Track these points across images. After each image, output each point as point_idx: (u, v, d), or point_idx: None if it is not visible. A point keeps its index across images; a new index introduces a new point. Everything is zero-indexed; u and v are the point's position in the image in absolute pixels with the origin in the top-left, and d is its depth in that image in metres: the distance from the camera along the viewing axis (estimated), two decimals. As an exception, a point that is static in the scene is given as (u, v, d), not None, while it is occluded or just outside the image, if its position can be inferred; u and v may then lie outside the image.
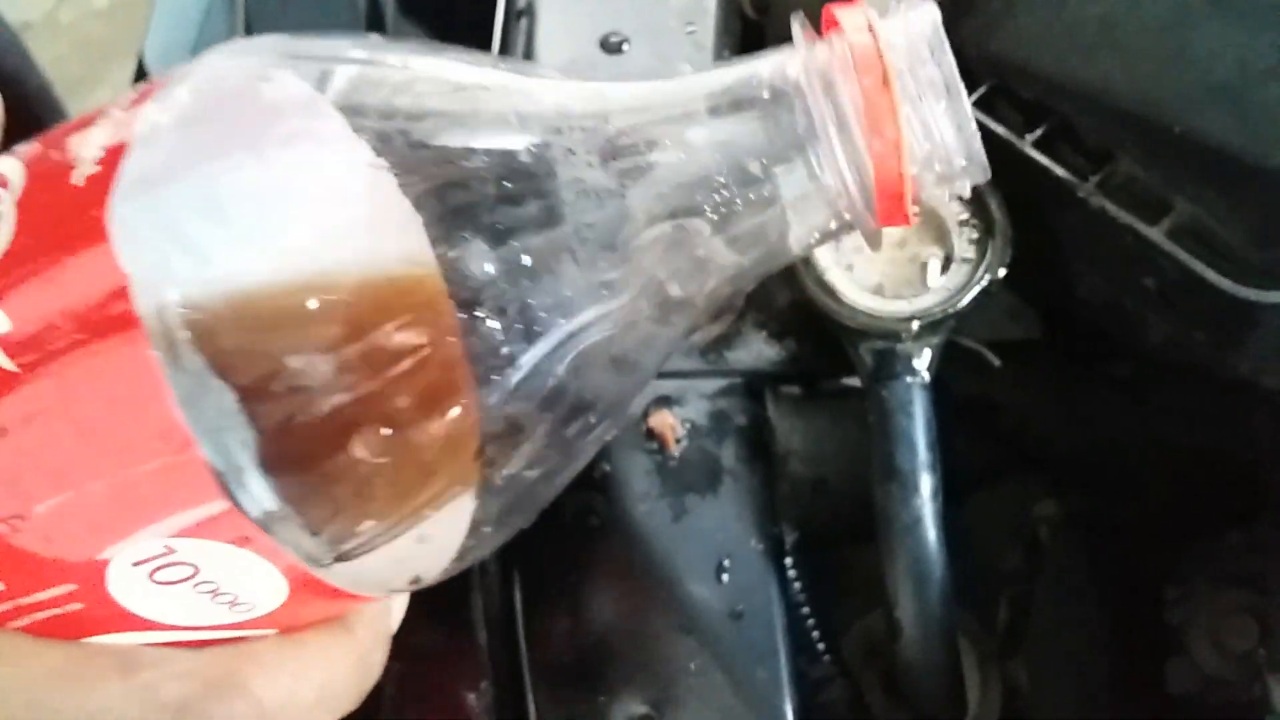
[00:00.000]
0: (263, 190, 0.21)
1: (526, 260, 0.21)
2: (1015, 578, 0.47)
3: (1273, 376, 0.35)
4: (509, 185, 0.21)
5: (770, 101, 0.22)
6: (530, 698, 0.37)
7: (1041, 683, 0.46)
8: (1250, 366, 0.34)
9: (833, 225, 0.23)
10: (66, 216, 0.20)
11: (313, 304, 0.20)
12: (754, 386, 0.41)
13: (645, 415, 0.39)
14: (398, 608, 0.26)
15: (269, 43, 0.23)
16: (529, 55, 0.44)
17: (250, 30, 0.50)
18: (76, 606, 0.21)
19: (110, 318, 0.19)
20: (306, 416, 0.20)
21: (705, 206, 0.22)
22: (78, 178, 0.20)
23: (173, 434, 0.19)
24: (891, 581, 0.36)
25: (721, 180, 0.22)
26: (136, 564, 0.21)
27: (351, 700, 0.24)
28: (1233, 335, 0.33)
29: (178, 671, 0.22)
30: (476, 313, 0.21)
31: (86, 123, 0.22)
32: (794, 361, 0.41)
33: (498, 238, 0.21)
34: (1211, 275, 0.32)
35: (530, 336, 0.22)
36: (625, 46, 0.43)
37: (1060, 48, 0.35)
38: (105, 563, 0.21)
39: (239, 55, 0.23)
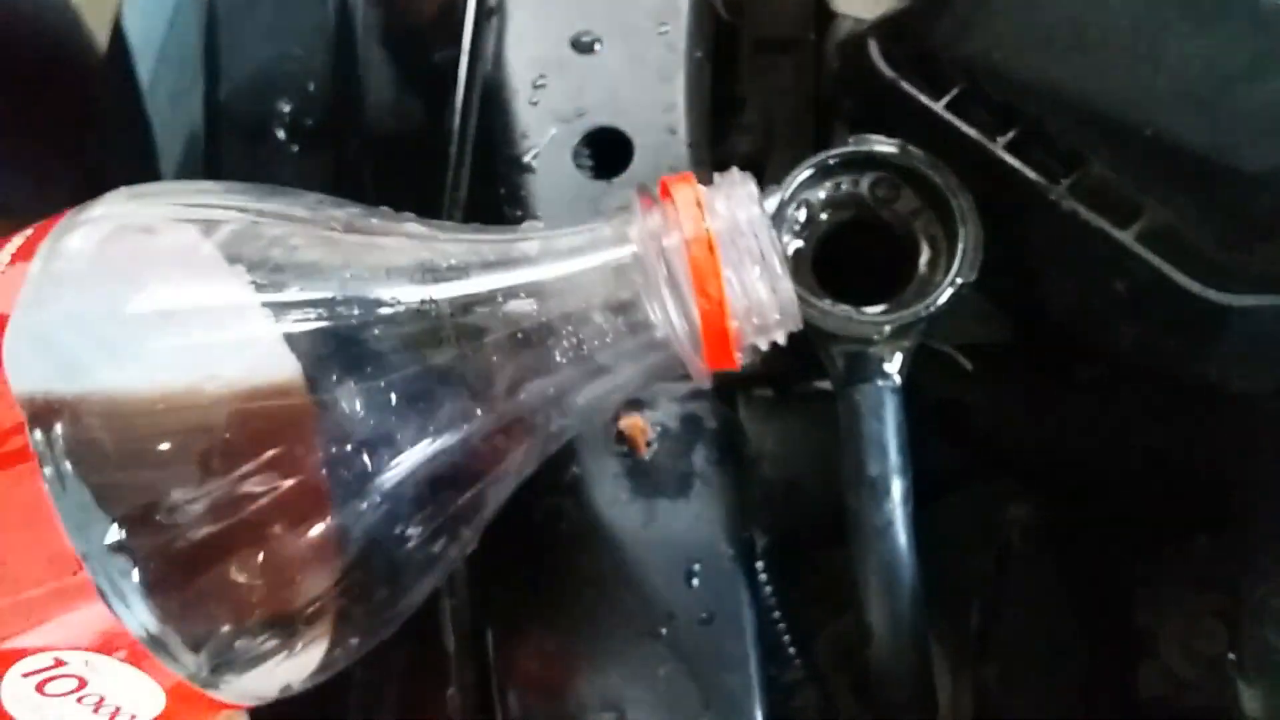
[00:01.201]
0: (147, 316, 0.22)
1: (391, 398, 0.23)
2: (987, 581, 0.47)
3: (1241, 380, 0.35)
4: (376, 330, 0.23)
5: (613, 262, 0.26)
6: (498, 704, 0.37)
7: (1013, 686, 0.46)
8: (1219, 370, 0.34)
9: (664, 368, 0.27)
10: None
11: (188, 428, 0.21)
12: (725, 390, 0.41)
13: (615, 418, 0.39)
14: None
15: (160, 191, 0.25)
16: (499, 55, 0.44)
17: (214, 32, 0.49)
18: None
19: (7, 453, 0.21)
20: (182, 544, 0.21)
21: (555, 350, 0.25)
22: None
23: (63, 559, 0.21)
24: (862, 586, 0.36)
25: (569, 328, 0.25)
26: (26, 675, 0.22)
27: None
28: (1202, 339, 0.33)
29: None
30: (343, 445, 0.23)
31: None
32: (766, 364, 0.41)
33: (363, 378, 0.23)
34: (1182, 279, 0.32)
35: (391, 467, 0.24)
36: (597, 46, 0.43)
37: (1031, 50, 0.35)
38: None
39: (130, 203, 0.24)
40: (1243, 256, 0.32)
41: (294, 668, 0.25)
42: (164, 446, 0.21)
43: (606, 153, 0.42)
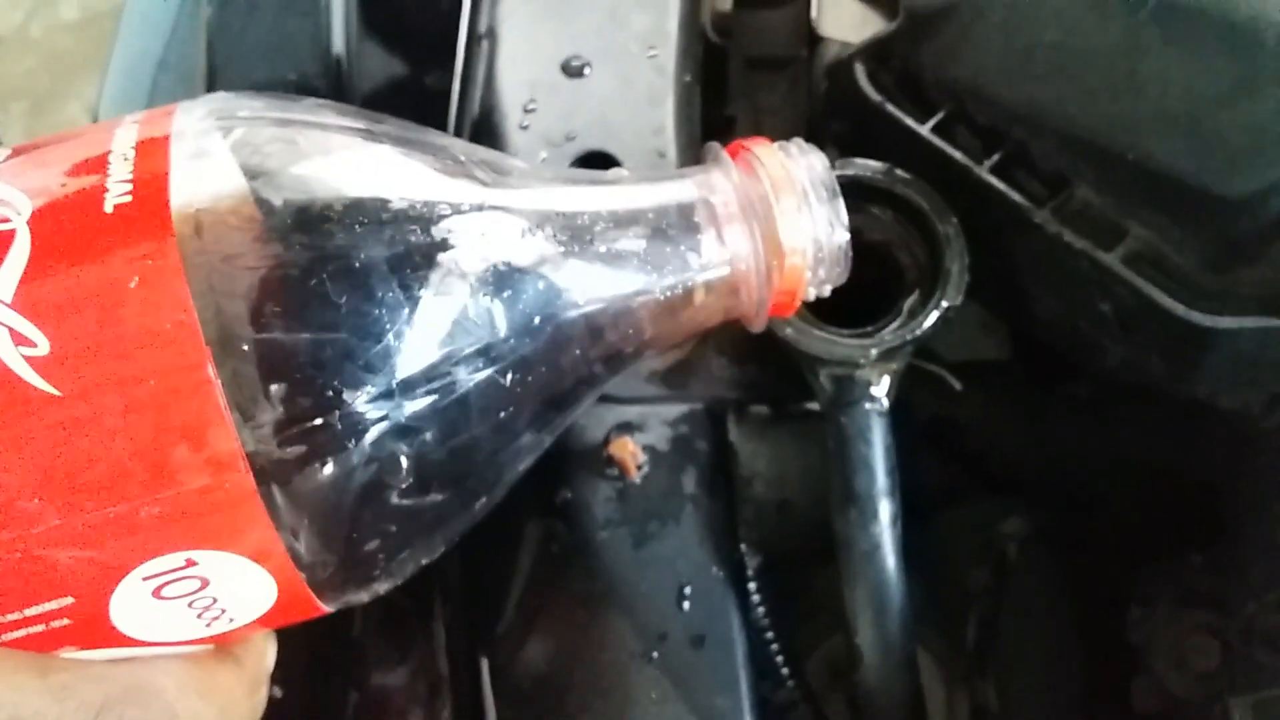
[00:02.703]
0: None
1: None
2: (983, 596, 0.47)
3: (1228, 398, 0.35)
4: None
5: (702, 213, 0.28)
6: (492, 724, 0.37)
7: (1009, 701, 0.46)
8: (1204, 389, 0.35)
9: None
10: (104, 241, 0.21)
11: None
12: (715, 412, 0.41)
13: (606, 442, 0.39)
14: (272, 651, 0.27)
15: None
16: (490, 78, 0.44)
17: (212, 53, 0.50)
18: (62, 623, 0.22)
19: (169, 337, 0.21)
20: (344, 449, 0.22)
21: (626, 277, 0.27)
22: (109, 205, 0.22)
23: (232, 460, 0.21)
24: (851, 608, 0.36)
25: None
26: (148, 578, 0.22)
27: None
28: (1188, 359, 0.34)
29: (95, 675, 0.23)
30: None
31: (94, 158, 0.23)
32: (755, 387, 0.41)
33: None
34: (1166, 300, 0.33)
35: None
36: (587, 70, 0.43)
37: (1015, 75, 0.35)
38: (122, 575, 0.22)
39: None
40: (1225, 278, 0.32)
41: (389, 583, 0.26)
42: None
43: (597, 175, 0.42)
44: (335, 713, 0.39)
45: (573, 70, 0.43)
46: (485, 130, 0.43)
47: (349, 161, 0.24)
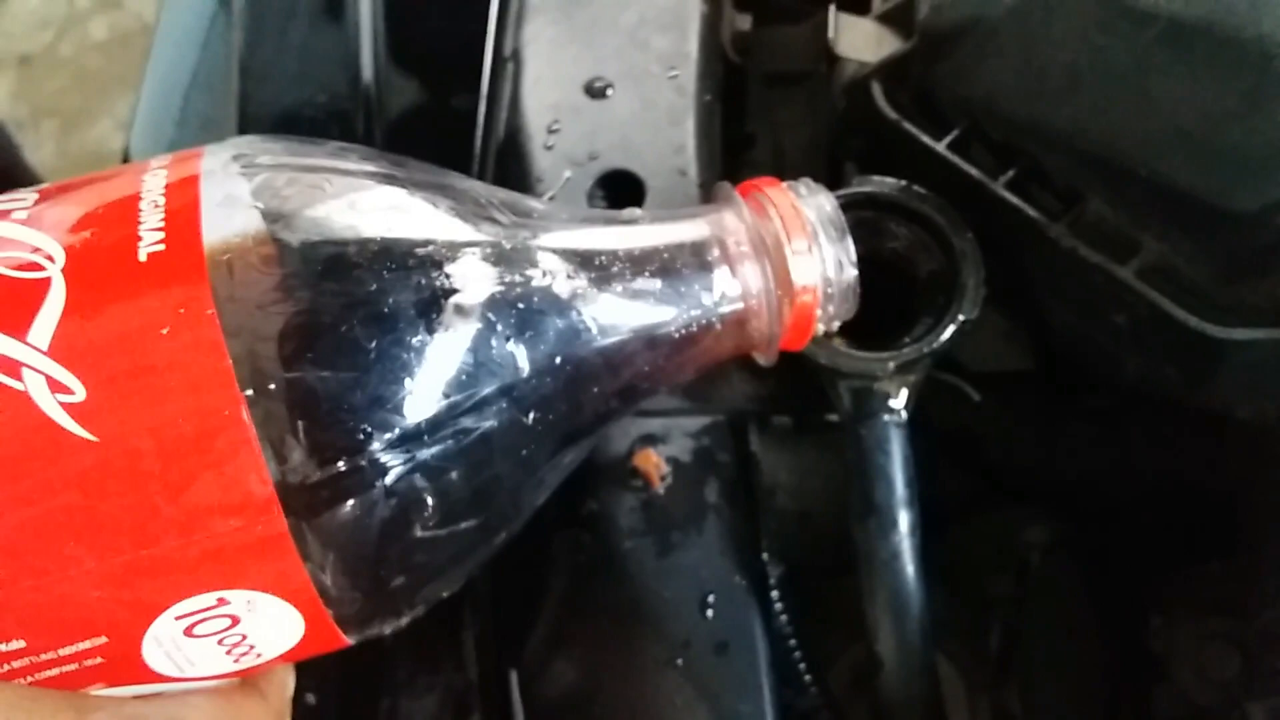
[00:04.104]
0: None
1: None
2: (1006, 604, 0.48)
3: (1244, 409, 0.35)
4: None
5: (716, 252, 0.29)
6: (519, 733, 0.38)
7: (1033, 709, 0.46)
8: (1220, 400, 0.35)
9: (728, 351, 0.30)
10: (139, 289, 0.22)
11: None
12: (737, 424, 0.42)
13: (630, 454, 0.40)
14: (291, 681, 0.28)
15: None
16: (515, 100, 0.45)
17: (245, 79, 0.51)
18: (95, 661, 0.22)
19: (203, 382, 0.21)
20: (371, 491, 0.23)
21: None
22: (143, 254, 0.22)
23: (264, 502, 0.21)
24: (871, 616, 0.36)
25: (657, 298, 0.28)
26: (180, 617, 0.22)
27: None
28: (1202, 371, 0.34)
29: (129, 714, 0.23)
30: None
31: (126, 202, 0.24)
32: (776, 399, 0.42)
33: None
34: (1179, 313, 0.33)
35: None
36: (609, 91, 0.44)
37: (1029, 93, 0.35)
38: (156, 615, 0.22)
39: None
40: (1237, 291, 0.33)
41: (411, 616, 0.27)
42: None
43: (620, 194, 0.43)
44: (366, 718, 0.40)
45: (595, 91, 0.44)
46: (510, 151, 0.44)
47: (373, 206, 0.25)
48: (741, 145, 0.50)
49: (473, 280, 0.25)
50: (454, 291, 0.24)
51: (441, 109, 0.50)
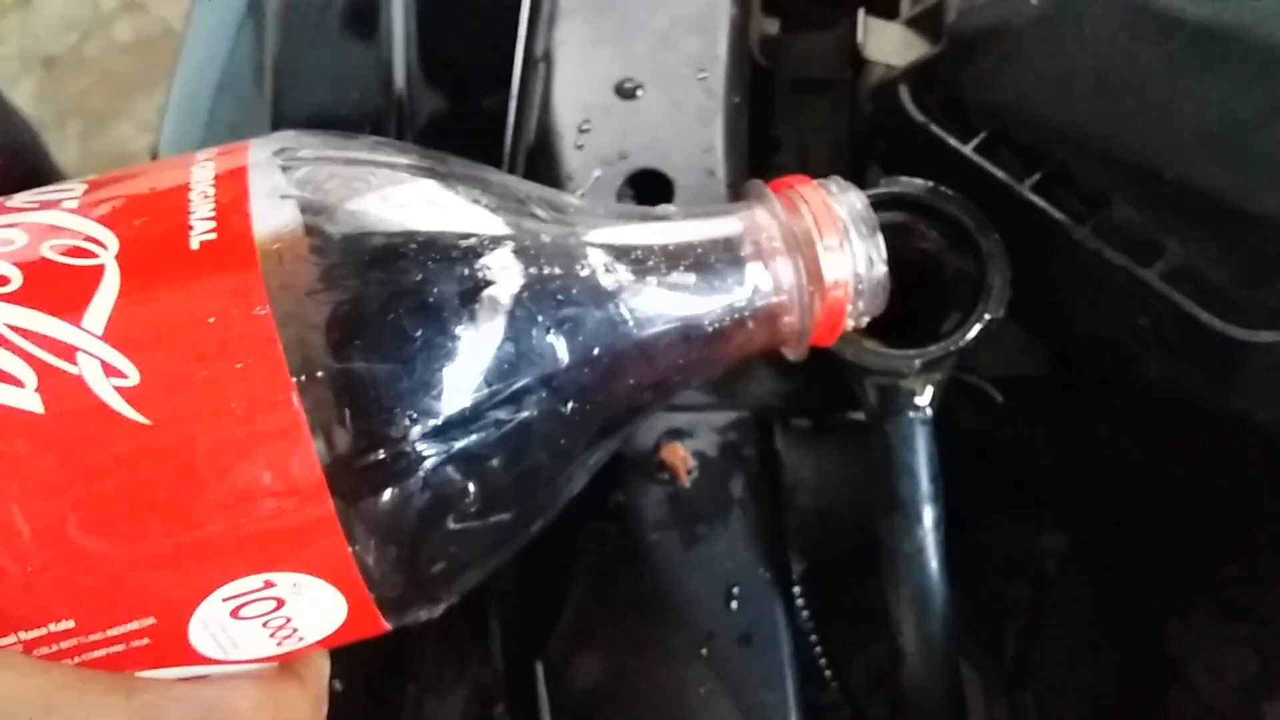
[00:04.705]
0: None
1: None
2: (1022, 609, 0.48)
3: (1265, 412, 0.36)
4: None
5: (749, 247, 0.29)
6: (546, 718, 0.38)
7: (1048, 712, 0.46)
8: (1243, 404, 0.35)
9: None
10: (192, 276, 0.22)
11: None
12: (763, 420, 0.43)
13: (657, 447, 0.40)
14: (327, 668, 0.28)
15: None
16: (546, 100, 0.46)
17: (278, 77, 0.52)
18: (142, 642, 0.23)
19: (255, 367, 0.22)
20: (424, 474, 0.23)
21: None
22: (194, 242, 0.23)
23: (313, 486, 0.22)
24: (894, 610, 0.37)
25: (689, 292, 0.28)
26: (228, 599, 0.23)
27: None
28: (1225, 373, 0.34)
29: (176, 695, 0.23)
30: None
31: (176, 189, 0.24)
32: (802, 396, 0.42)
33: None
34: (1204, 315, 0.33)
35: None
36: (639, 92, 0.45)
37: (1055, 96, 0.36)
38: (204, 596, 0.22)
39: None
40: (1260, 294, 0.33)
41: (446, 603, 0.27)
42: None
43: (649, 193, 0.44)
44: (392, 707, 0.41)
45: (626, 92, 0.45)
46: (541, 149, 0.45)
47: (418, 200, 0.26)
48: (767, 149, 0.51)
49: (514, 272, 0.25)
50: (496, 283, 0.25)
51: (471, 110, 0.50)
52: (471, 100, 0.50)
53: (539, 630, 0.40)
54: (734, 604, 0.39)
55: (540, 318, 0.25)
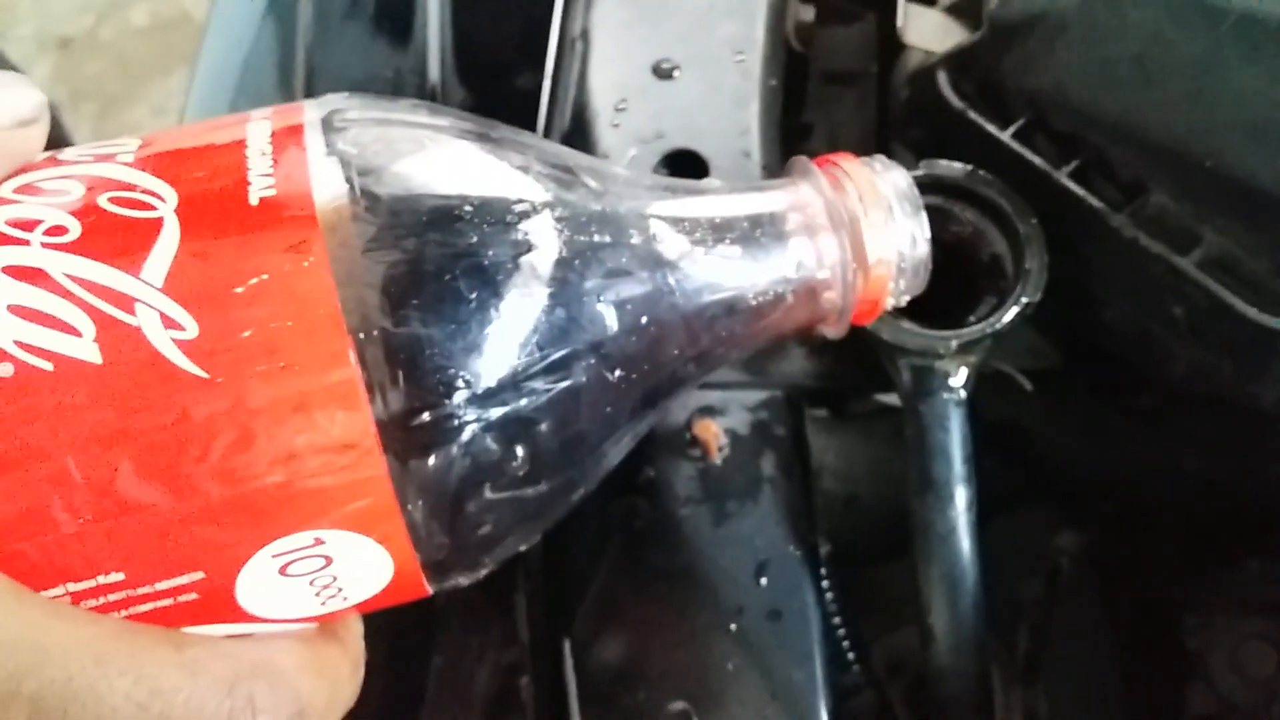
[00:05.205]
0: None
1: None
2: (1035, 607, 0.48)
3: (1294, 405, 0.36)
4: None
5: (794, 222, 0.29)
6: (572, 692, 0.38)
7: (1061, 711, 0.46)
8: (1273, 396, 0.35)
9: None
10: (252, 231, 0.22)
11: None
12: (794, 399, 0.43)
13: (689, 424, 0.40)
14: (361, 631, 0.28)
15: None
16: (583, 78, 0.46)
17: (312, 53, 0.52)
18: (190, 597, 0.23)
19: (312, 323, 0.22)
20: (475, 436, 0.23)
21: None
22: (254, 197, 0.23)
23: (367, 444, 0.22)
24: (925, 589, 0.37)
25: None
26: (277, 555, 0.23)
27: (346, 705, 0.26)
28: (1257, 364, 0.35)
29: (224, 652, 0.23)
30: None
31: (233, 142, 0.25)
32: (834, 376, 0.43)
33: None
34: (1239, 305, 0.33)
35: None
36: (676, 73, 0.45)
37: (1095, 84, 0.36)
38: (254, 552, 0.22)
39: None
40: (1298, 284, 0.33)
41: (485, 570, 0.27)
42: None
43: (684, 173, 0.44)
44: (418, 677, 0.41)
45: (663, 72, 0.45)
46: (578, 127, 0.45)
47: (473, 163, 0.26)
48: (798, 135, 0.51)
49: (566, 238, 0.26)
50: (549, 248, 0.25)
51: (505, 100, 0.51)
52: (504, 91, 0.51)
53: (566, 604, 0.40)
54: (763, 580, 0.39)
55: (591, 284, 0.26)
